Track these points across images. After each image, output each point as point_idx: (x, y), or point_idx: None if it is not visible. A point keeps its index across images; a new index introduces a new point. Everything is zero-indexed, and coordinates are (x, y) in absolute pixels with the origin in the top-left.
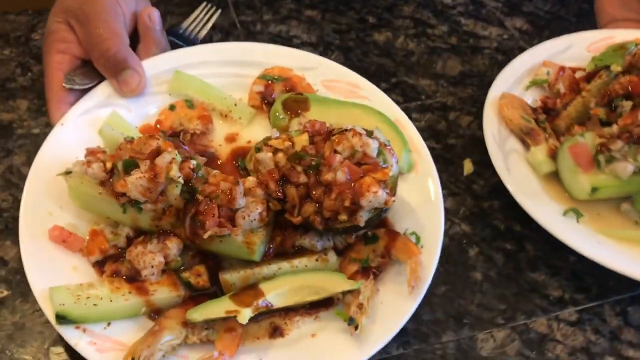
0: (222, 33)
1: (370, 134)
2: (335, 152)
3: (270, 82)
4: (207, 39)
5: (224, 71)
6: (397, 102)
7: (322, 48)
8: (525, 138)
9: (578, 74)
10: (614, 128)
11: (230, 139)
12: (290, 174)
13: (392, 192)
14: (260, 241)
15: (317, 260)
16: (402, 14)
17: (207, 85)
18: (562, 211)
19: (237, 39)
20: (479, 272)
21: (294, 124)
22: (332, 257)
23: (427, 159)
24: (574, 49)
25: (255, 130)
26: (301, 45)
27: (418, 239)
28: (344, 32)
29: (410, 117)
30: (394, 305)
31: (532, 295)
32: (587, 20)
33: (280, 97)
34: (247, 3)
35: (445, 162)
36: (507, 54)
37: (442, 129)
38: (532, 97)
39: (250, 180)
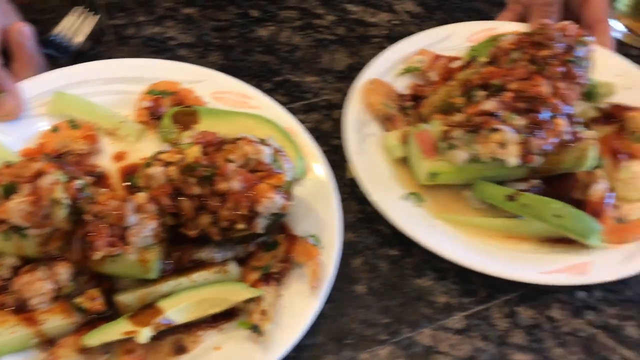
0: (91, 40)
1: (263, 141)
2: (229, 161)
3: (158, 97)
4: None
5: (108, 88)
6: (282, 104)
7: (201, 49)
8: (386, 124)
9: (455, 64)
10: (458, 116)
11: (119, 157)
12: (183, 186)
13: (289, 197)
14: (155, 258)
15: (217, 272)
16: (288, 5)
17: (90, 104)
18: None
19: (108, 45)
20: (363, 284)
21: (184, 138)
22: (232, 268)
23: (320, 162)
24: (455, 39)
25: (146, 147)
26: (177, 48)
27: (317, 240)
28: (225, 29)
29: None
30: (298, 307)
31: (417, 304)
32: None
33: (169, 111)
34: (121, 5)
35: (331, 166)
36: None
37: (327, 130)
38: (406, 85)
39: (141, 196)
